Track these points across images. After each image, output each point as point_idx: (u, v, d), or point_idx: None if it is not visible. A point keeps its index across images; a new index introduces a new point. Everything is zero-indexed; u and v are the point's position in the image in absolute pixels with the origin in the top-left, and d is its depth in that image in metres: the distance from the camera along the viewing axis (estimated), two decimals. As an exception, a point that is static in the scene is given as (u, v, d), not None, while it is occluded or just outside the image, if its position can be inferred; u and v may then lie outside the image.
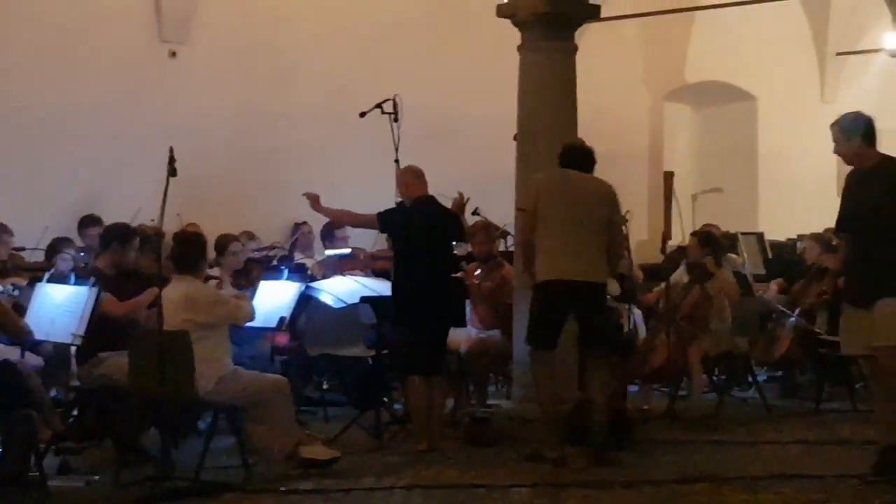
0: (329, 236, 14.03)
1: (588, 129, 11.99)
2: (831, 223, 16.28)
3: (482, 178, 10.47)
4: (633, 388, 12.08)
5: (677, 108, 19.70)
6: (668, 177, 12.21)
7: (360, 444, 10.04)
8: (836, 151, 8.67)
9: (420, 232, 9.89)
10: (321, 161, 15.18)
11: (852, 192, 8.64)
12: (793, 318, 12.75)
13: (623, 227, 9.99)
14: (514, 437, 10.05)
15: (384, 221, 10.14)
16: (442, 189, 10.31)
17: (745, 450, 10.08)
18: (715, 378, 12.51)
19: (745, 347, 12.13)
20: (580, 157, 9.66)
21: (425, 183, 10.13)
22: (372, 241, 14.20)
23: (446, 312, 9.86)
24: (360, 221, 10.63)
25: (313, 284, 11.43)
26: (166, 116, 14.11)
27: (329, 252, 13.50)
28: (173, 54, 14.67)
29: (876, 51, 17.72)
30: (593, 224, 9.36)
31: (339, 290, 11.12)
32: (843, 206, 8.69)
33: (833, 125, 8.62)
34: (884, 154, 8.54)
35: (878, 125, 8.54)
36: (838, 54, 19.84)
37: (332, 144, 15.22)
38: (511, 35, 11.14)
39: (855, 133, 8.51)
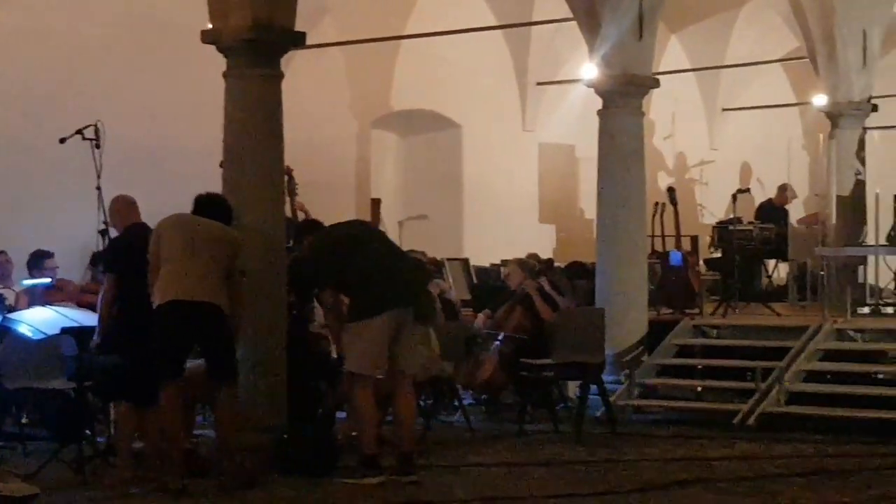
0: (38, 265, 13.47)
1: (295, 156, 12.01)
2: (533, 249, 16.94)
3: (188, 205, 10.31)
4: (341, 415, 12.12)
5: (384, 135, 19.89)
6: (376, 203, 12.36)
7: (62, 480, 9.77)
8: None
9: (135, 260, 9.69)
10: (21, 188, 14.74)
11: None
12: (497, 342, 13.05)
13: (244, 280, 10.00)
14: (222, 467, 9.95)
15: (108, 265, 9.97)
16: (147, 216, 10.15)
17: (451, 474, 10.21)
18: (422, 403, 12.62)
19: (450, 372, 12.31)
20: (206, 205, 9.96)
21: (138, 211, 10.06)
22: (80, 273, 13.87)
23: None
24: (106, 296, 9.97)
25: (10, 315, 11.09)
26: None
27: (25, 282, 13.05)
28: None
29: (574, 81, 18.23)
30: (215, 262, 9.57)
31: (37, 320, 10.79)
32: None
33: None
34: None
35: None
36: (539, 84, 20.42)
37: (31, 171, 14.77)
38: (217, 61, 11.05)
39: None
